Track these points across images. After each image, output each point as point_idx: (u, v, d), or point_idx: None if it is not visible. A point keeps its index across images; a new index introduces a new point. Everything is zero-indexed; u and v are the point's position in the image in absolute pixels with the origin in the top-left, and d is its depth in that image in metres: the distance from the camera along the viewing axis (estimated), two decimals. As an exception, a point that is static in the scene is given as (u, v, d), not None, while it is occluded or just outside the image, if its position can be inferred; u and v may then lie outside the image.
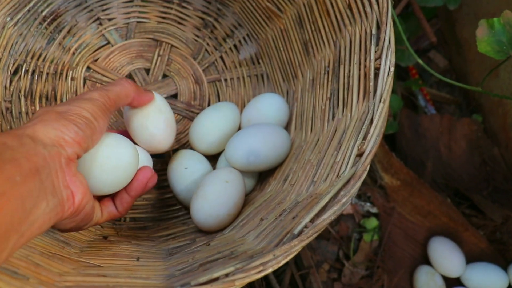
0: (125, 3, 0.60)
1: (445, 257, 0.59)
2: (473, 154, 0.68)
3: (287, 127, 0.54)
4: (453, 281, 0.61)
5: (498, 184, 0.66)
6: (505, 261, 0.62)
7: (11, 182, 0.24)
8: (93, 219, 0.37)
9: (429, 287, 0.59)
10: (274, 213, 0.38)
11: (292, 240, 0.28)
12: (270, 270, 0.27)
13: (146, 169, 0.40)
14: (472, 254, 0.62)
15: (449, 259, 0.59)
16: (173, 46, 0.60)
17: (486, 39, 0.38)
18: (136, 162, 0.39)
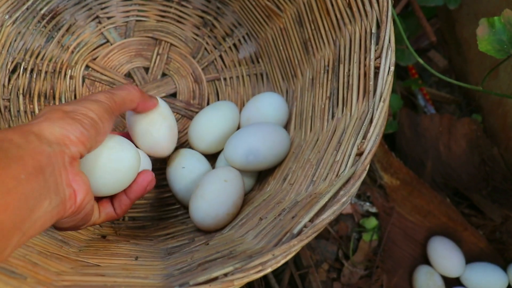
0: (124, 2, 0.60)
1: (445, 257, 0.59)
2: (473, 154, 0.68)
3: (286, 126, 0.53)
4: (452, 281, 0.61)
5: (497, 184, 0.66)
6: (504, 260, 0.62)
7: (16, 181, 0.24)
8: (91, 219, 0.37)
9: (428, 287, 0.59)
10: (273, 213, 0.38)
11: (291, 239, 0.28)
12: (269, 270, 0.27)
13: (146, 173, 0.40)
14: (471, 254, 0.62)
15: (448, 259, 0.59)
16: (172, 45, 0.60)
17: (486, 38, 0.37)
18: (138, 166, 0.39)
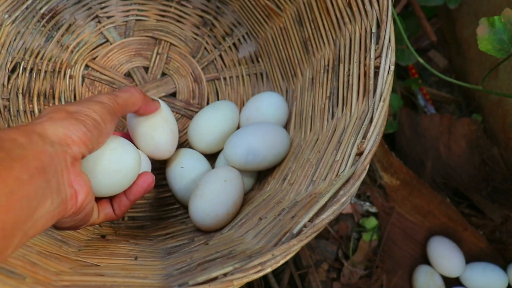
0: (124, 1, 0.60)
1: (445, 256, 0.59)
2: (473, 154, 0.68)
3: (286, 126, 0.53)
4: (452, 281, 0.61)
5: (497, 184, 0.66)
6: (504, 260, 0.62)
7: (19, 181, 0.24)
8: (91, 219, 0.37)
9: (428, 287, 0.59)
10: (273, 213, 0.38)
11: (291, 239, 0.28)
12: (268, 270, 0.27)
13: (147, 175, 0.41)
14: (471, 254, 0.62)
15: (448, 258, 0.59)
16: (172, 45, 0.60)
17: (487, 37, 0.37)
18: (138, 168, 0.39)
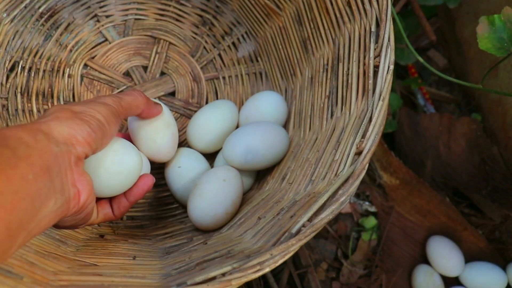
0: (123, 0, 0.60)
1: (444, 256, 0.59)
2: (472, 153, 0.68)
3: (285, 125, 0.53)
4: (451, 281, 0.61)
5: (497, 184, 0.66)
6: (504, 260, 0.62)
7: (24, 180, 0.24)
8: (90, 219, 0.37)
9: (427, 286, 0.59)
10: (272, 212, 0.38)
11: (290, 239, 0.28)
12: (267, 270, 0.27)
13: (147, 177, 0.41)
14: (471, 254, 0.62)
15: (448, 258, 0.59)
16: (171, 44, 0.60)
17: (486, 36, 0.37)
18: (140, 170, 0.40)
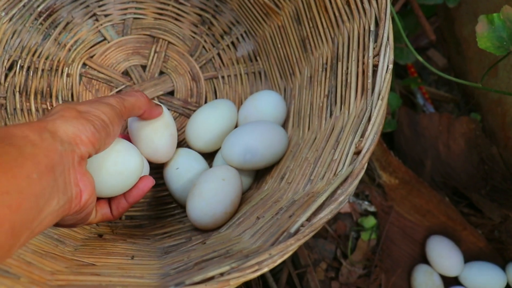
0: (122, -1, 0.60)
1: (443, 256, 0.59)
2: (472, 153, 0.68)
3: (284, 124, 0.53)
4: (451, 280, 0.61)
5: (496, 183, 0.66)
6: (503, 260, 0.62)
7: (29, 179, 0.24)
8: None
9: (427, 286, 0.59)
10: (271, 212, 0.37)
11: (288, 239, 0.28)
12: (265, 270, 0.27)
13: (147, 179, 0.41)
14: (470, 253, 0.62)
15: (447, 258, 0.59)
16: (170, 43, 0.60)
17: (486, 34, 0.37)
18: (140, 171, 0.40)
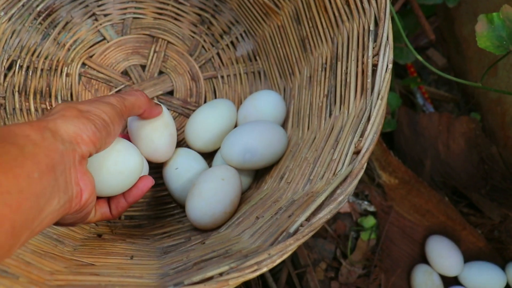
0: (121, -1, 0.60)
1: (443, 256, 0.59)
2: (472, 153, 0.68)
3: (284, 124, 0.53)
4: (450, 280, 0.60)
5: (496, 183, 0.66)
6: (503, 260, 0.62)
7: (30, 179, 0.24)
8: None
9: (426, 286, 0.58)
10: (270, 212, 0.37)
11: (288, 238, 0.28)
12: (265, 270, 0.27)
13: (147, 179, 0.41)
14: (470, 253, 0.62)
15: (447, 258, 0.59)
16: (169, 43, 0.60)
17: (485, 34, 0.37)
18: (140, 171, 0.40)
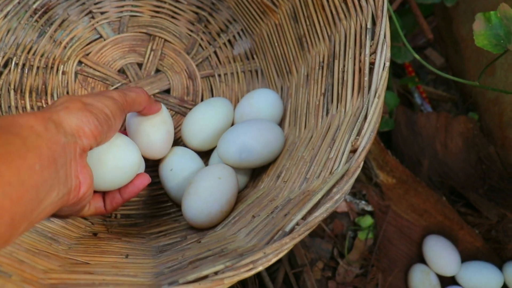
0: (118, -3, 0.59)
1: (440, 255, 0.59)
2: (469, 152, 0.68)
3: (281, 123, 0.53)
4: (448, 280, 0.60)
5: (493, 183, 0.66)
6: (500, 260, 0.62)
7: (31, 171, 0.24)
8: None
9: (424, 286, 0.58)
10: (266, 210, 0.37)
11: (283, 237, 0.28)
12: (260, 268, 0.27)
13: (144, 176, 0.41)
14: (467, 253, 0.62)
15: (444, 257, 0.59)
16: (166, 41, 0.59)
17: (483, 32, 0.37)
18: (138, 167, 0.40)
